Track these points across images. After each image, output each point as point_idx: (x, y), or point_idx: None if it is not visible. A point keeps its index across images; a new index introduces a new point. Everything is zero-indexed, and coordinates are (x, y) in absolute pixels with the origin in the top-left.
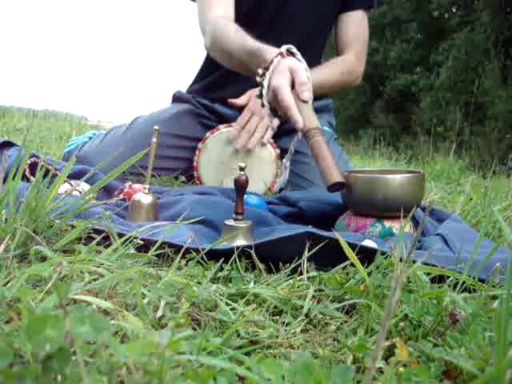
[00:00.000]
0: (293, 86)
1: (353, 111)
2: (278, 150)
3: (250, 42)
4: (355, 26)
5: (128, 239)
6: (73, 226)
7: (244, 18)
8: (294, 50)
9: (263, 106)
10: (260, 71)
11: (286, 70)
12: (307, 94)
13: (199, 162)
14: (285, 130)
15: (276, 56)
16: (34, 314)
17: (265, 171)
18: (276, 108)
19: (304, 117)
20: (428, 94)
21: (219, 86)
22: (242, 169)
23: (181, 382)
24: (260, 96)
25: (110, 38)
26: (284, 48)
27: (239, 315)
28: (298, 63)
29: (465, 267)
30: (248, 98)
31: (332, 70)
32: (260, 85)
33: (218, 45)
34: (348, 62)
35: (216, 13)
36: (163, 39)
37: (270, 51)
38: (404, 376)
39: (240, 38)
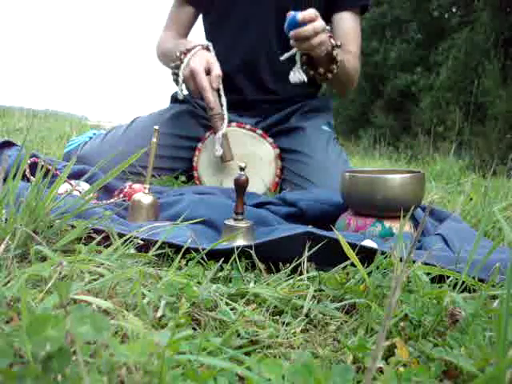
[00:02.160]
0: (207, 74)
1: (353, 111)
2: (278, 150)
3: (183, 40)
4: (350, 27)
5: (128, 239)
6: (73, 226)
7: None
8: (211, 47)
9: (177, 76)
10: (183, 49)
11: (204, 59)
12: (216, 85)
13: (199, 162)
14: (284, 130)
15: (197, 45)
16: (34, 313)
17: (265, 171)
18: (188, 84)
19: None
20: (428, 94)
21: None
22: (242, 169)
23: (181, 382)
24: (177, 67)
25: (111, 38)
26: (205, 43)
27: (239, 315)
28: (214, 58)
29: (464, 267)
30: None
31: (347, 56)
32: (179, 60)
33: (160, 48)
34: (352, 56)
35: (168, 32)
36: None
37: (193, 42)
38: (404, 376)
39: (174, 41)
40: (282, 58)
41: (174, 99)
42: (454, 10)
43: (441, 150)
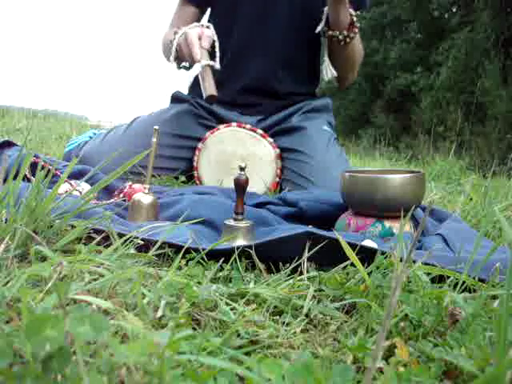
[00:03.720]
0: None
1: (353, 111)
2: (278, 150)
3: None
4: None
5: (128, 239)
6: (73, 226)
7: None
8: (211, 27)
9: (172, 48)
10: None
11: (199, 29)
12: (206, 45)
13: (199, 162)
14: (284, 130)
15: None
16: (33, 314)
17: (265, 171)
18: (181, 49)
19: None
20: (428, 94)
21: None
22: (242, 169)
23: (181, 381)
24: (173, 40)
25: (111, 38)
26: (205, 23)
27: (239, 315)
28: (210, 31)
29: (465, 267)
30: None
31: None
32: (175, 33)
33: (163, 41)
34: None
35: (171, 28)
36: None
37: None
38: (404, 376)
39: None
40: (316, 31)
41: (174, 99)
42: (454, 9)
43: (441, 150)
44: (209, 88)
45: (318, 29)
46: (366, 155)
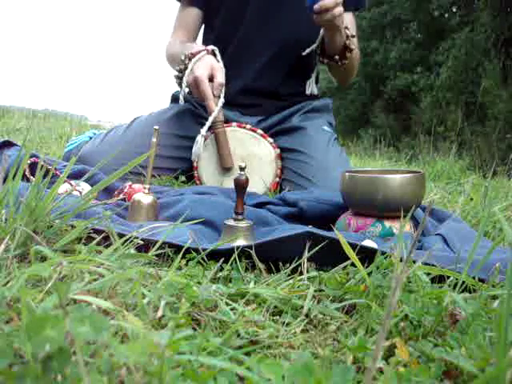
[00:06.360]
0: (210, 80)
1: (353, 111)
2: (278, 150)
3: (189, 44)
4: (350, 26)
5: (128, 239)
6: (73, 226)
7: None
8: (217, 52)
9: (181, 80)
10: (187, 53)
11: (208, 65)
12: (218, 92)
13: (199, 162)
14: (284, 130)
15: (203, 50)
16: (33, 314)
17: (265, 171)
18: (192, 90)
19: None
20: (428, 94)
21: None
22: (242, 169)
23: (181, 382)
24: (180, 71)
25: (111, 38)
26: (210, 47)
27: (239, 315)
28: (218, 64)
29: (464, 267)
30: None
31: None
32: (183, 65)
33: (168, 52)
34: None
35: (176, 36)
36: (164, 39)
37: (197, 46)
38: (404, 376)
39: (181, 44)
40: (303, 54)
41: (174, 99)
42: (454, 9)
43: (441, 150)
44: (227, 158)
45: (307, 51)
46: (366, 155)
